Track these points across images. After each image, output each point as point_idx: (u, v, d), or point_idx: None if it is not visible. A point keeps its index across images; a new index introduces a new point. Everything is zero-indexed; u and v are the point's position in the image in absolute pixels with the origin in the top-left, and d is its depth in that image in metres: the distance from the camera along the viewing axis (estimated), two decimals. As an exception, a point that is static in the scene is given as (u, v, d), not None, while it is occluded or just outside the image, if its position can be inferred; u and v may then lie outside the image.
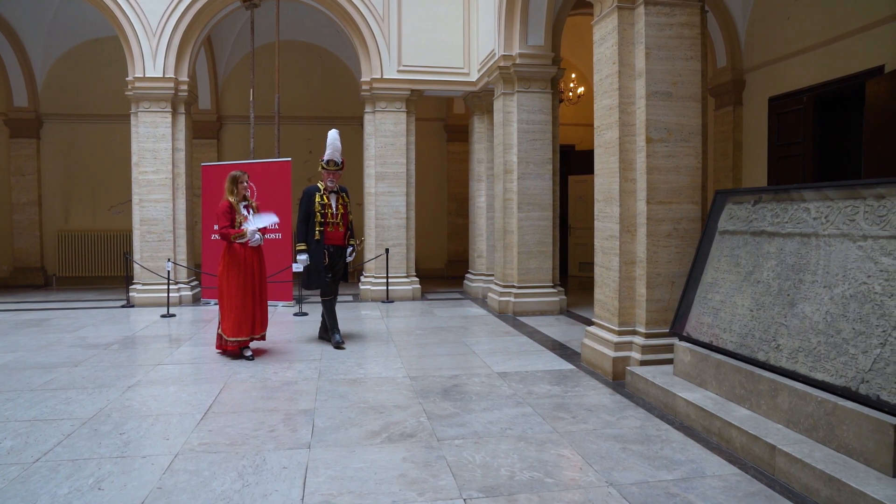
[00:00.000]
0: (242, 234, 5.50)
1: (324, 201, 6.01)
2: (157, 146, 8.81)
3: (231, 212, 5.54)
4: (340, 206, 6.13)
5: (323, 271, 5.98)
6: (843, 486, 2.68)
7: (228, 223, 5.51)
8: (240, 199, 5.64)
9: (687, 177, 4.76)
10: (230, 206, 5.57)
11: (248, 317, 5.57)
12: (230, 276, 5.52)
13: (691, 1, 4.75)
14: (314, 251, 5.97)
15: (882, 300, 3.00)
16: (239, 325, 5.50)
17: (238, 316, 5.50)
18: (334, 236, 6.08)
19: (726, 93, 8.90)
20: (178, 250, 9.02)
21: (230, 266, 5.54)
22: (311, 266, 5.99)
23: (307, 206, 6.00)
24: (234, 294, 5.50)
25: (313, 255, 5.97)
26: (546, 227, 8.08)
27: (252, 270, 5.60)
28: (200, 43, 9.39)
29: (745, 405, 3.65)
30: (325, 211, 6.00)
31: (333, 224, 6.03)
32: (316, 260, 5.97)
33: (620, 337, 4.89)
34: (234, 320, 5.49)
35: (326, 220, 5.99)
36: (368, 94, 9.45)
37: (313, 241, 5.97)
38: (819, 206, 3.54)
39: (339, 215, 6.08)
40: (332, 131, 6.19)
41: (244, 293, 5.53)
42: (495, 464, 3.24)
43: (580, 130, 12.85)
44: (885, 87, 6.26)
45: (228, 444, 3.51)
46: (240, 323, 5.51)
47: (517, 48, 7.84)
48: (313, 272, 6.02)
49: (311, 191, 6.07)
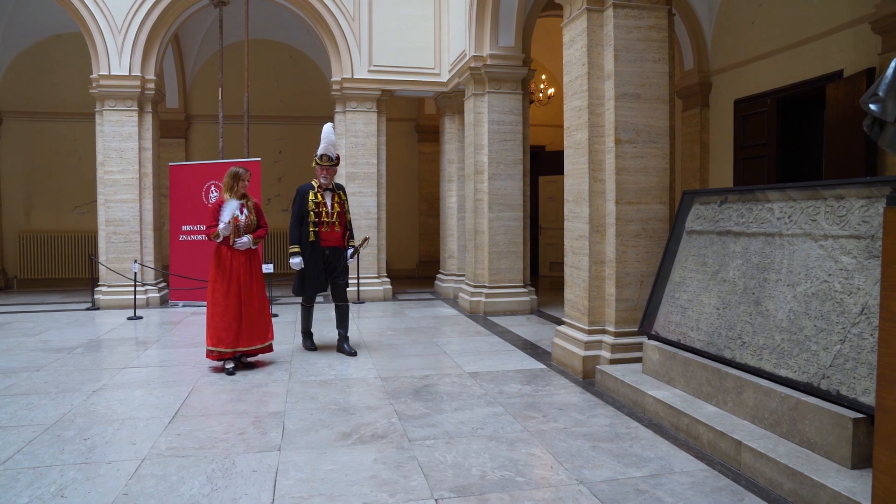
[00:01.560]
0: (216, 233, 5.11)
1: (318, 199, 5.64)
2: (123, 145, 8.64)
3: (220, 211, 5.16)
4: (336, 205, 5.73)
5: (320, 276, 5.63)
6: (805, 480, 2.74)
7: (214, 222, 5.15)
8: (238, 199, 5.24)
9: (655, 177, 4.83)
10: (219, 204, 5.21)
11: (233, 327, 5.11)
12: (215, 281, 5.17)
13: (659, 4, 4.82)
14: (308, 254, 5.59)
15: (842, 298, 3.07)
16: (219, 335, 5.08)
17: (218, 325, 5.09)
18: (330, 237, 5.69)
19: (693, 95, 9.05)
20: (145, 251, 8.86)
21: (215, 271, 5.19)
22: (306, 271, 5.62)
23: (300, 206, 5.63)
24: (217, 301, 5.13)
25: (308, 259, 5.59)
26: (517, 227, 8.13)
27: (238, 277, 5.16)
28: (168, 41, 9.24)
29: (712, 402, 3.71)
30: (320, 210, 5.62)
31: (329, 224, 5.65)
32: (311, 264, 5.60)
33: (590, 336, 4.93)
34: (215, 329, 5.10)
35: (321, 220, 5.61)
36: (339, 94, 9.39)
37: (307, 244, 5.59)
38: (783, 206, 3.62)
39: (334, 214, 5.69)
40: (326, 125, 5.85)
41: (227, 300, 5.11)
42: (467, 463, 3.24)
43: (550, 131, 12.95)
44: (843, 91, 6.42)
45: (197, 448, 3.46)
46: (220, 332, 5.08)
47: (488, 49, 7.87)
48: (307, 277, 5.64)
49: (305, 189, 5.71)
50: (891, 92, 2.07)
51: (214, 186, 8.95)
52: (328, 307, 8.23)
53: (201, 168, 9.21)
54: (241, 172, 5.27)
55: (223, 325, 5.10)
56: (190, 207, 9.02)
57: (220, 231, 5.09)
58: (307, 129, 12.70)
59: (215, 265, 5.19)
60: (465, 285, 8.70)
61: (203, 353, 5.80)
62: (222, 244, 5.18)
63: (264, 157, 10.48)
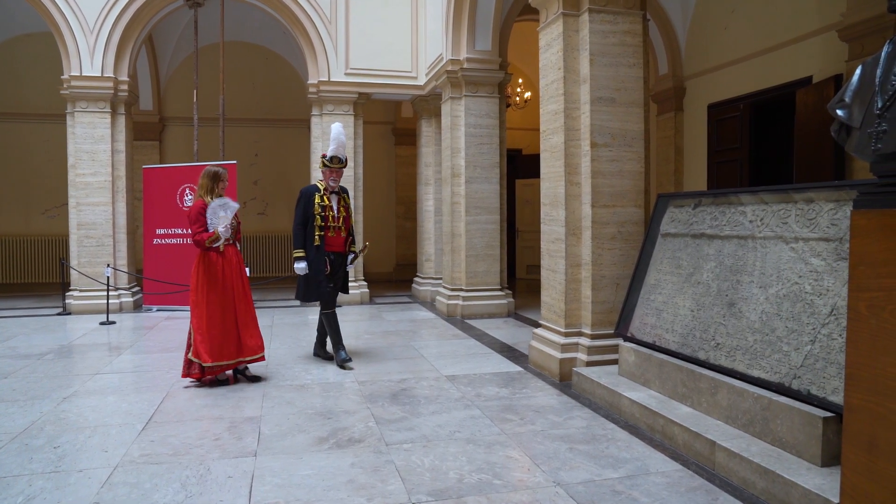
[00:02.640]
0: (216, 238, 4.76)
1: (324, 203, 5.41)
2: (95, 147, 8.51)
3: (205, 214, 4.81)
4: (342, 209, 5.55)
5: (324, 281, 5.39)
6: (777, 478, 2.78)
7: (202, 227, 4.75)
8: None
9: (630, 181, 4.88)
10: (204, 206, 4.81)
11: (232, 338, 4.83)
12: (206, 291, 4.76)
13: (633, 10, 4.88)
14: (314, 259, 5.37)
15: (812, 299, 3.13)
16: (218, 348, 4.75)
17: (217, 337, 4.74)
18: (335, 242, 5.49)
19: (668, 99, 9.16)
20: (118, 255, 8.72)
21: (205, 279, 4.77)
22: (310, 275, 5.38)
23: (305, 209, 5.39)
24: (213, 313, 4.74)
25: (312, 264, 5.37)
26: (494, 230, 8.16)
27: (232, 284, 4.86)
28: (141, 42, 9.12)
29: (686, 403, 3.76)
30: (326, 213, 5.40)
31: (335, 228, 5.44)
32: (316, 268, 5.37)
33: (567, 338, 4.96)
34: (213, 343, 4.72)
35: (327, 224, 5.39)
36: (316, 97, 9.35)
37: (312, 248, 5.37)
38: (755, 209, 3.68)
39: (340, 218, 5.49)
40: (336, 124, 5.58)
41: (223, 311, 4.79)
42: (444, 467, 3.24)
43: (527, 135, 13.02)
44: (812, 96, 6.55)
45: (171, 455, 3.42)
46: (219, 345, 4.75)
47: (465, 53, 7.89)
48: (312, 282, 5.38)
49: (310, 191, 5.47)
50: (856, 98, 2.12)
51: (189, 189, 8.84)
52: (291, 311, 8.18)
53: (176, 171, 9.09)
54: (220, 172, 4.95)
55: (224, 338, 4.78)
56: (164, 211, 8.90)
57: (220, 234, 4.75)
58: (283, 131, 12.64)
59: (203, 273, 4.79)
60: (443, 288, 8.70)
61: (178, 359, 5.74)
62: (211, 250, 4.84)
63: (240, 160, 10.38)
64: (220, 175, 4.92)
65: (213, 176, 4.90)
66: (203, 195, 4.87)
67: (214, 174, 4.91)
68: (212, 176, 4.89)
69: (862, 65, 2.15)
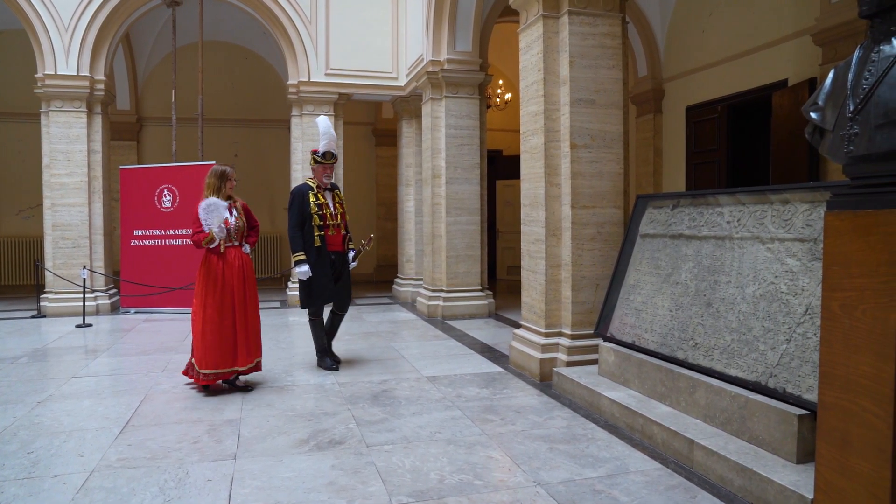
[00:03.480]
0: (210, 239, 4.54)
1: (320, 201, 5.18)
2: (70, 147, 8.38)
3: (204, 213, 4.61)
4: (338, 205, 5.34)
5: (330, 286, 5.17)
6: (754, 475, 2.82)
7: (201, 228, 4.57)
8: (224, 199, 4.70)
9: (610, 182, 4.91)
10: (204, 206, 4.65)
11: (229, 345, 4.61)
12: (206, 295, 4.58)
13: (613, 12, 4.91)
14: (316, 262, 5.11)
15: (787, 299, 3.18)
16: (213, 356, 4.55)
17: (213, 345, 4.55)
18: (335, 241, 5.26)
19: (647, 101, 9.24)
20: (94, 257, 8.60)
21: (205, 283, 4.60)
22: (314, 280, 5.11)
23: (301, 209, 5.13)
24: (210, 317, 4.55)
25: (315, 267, 5.11)
26: (474, 231, 8.17)
27: (232, 288, 4.63)
28: (118, 40, 9.01)
29: (665, 402, 3.79)
30: (324, 212, 5.18)
31: (334, 226, 5.22)
32: (319, 272, 5.11)
33: (547, 339, 4.99)
34: (211, 349, 4.54)
35: (326, 223, 5.17)
36: (296, 98, 9.30)
37: (313, 250, 5.11)
38: (732, 210, 3.72)
39: (338, 216, 5.28)
40: (322, 118, 5.36)
41: (221, 316, 4.58)
42: (425, 468, 3.24)
43: (508, 136, 13.06)
44: (788, 99, 6.65)
45: (149, 459, 3.38)
46: (214, 353, 4.55)
47: (445, 54, 7.90)
48: (315, 287, 5.13)
49: (303, 190, 5.21)
50: (829, 101, 2.15)
51: (167, 190, 8.76)
52: (271, 312, 8.12)
53: (154, 171, 9.00)
54: (228, 171, 4.76)
55: (219, 345, 4.57)
56: (142, 212, 8.80)
57: (214, 234, 4.54)
58: (263, 132, 12.55)
59: (204, 276, 4.61)
60: (423, 289, 8.70)
61: (157, 361, 5.68)
62: (212, 252, 4.63)
63: (219, 161, 10.24)
64: (228, 174, 4.76)
65: (221, 175, 4.72)
66: (210, 195, 4.66)
67: (222, 173, 4.73)
68: (220, 175, 4.72)
69: (834, 69, 2.19)
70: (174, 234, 8.75)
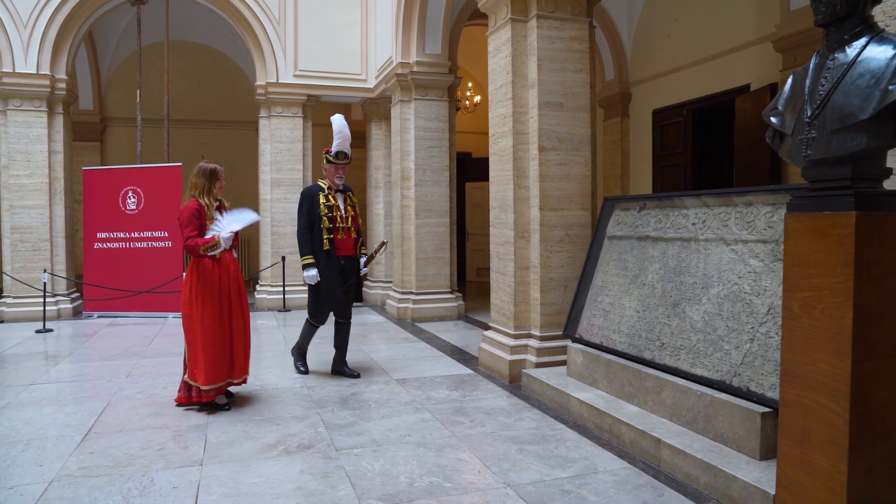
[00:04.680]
0: (215, 244, 4.18)
1: (330, 202, 4.97)
2: (30, 148, 8.17)
3: (200, 216, 4.23)
4: (350, 208, 5.12)
5: (338, 290, 4.95)
6: (719, 472, 2.87)
7: (196, 231, 4.19)
8: (213, 201, 4.35)
9: (578, 184, 4.96)
10: (199, 208, 4.25)
11: (226, 356, 4.27)
12: (201, 303, 4.18)
13: (580, 17, 4.97)
14: (324, 266, 4.89)
15: (751, 299, 3.24)
16: (216, 369, 4.20)
17: (214, 356, 4.19)
18: (345, 244, 5.01)
19: (614, 104, 9.36)
20: (55, 260, 8.39)
21: (200, 290, 4.19)
22: (321, 285, 4.91)
23: (310, 210, 4.93)
24: (209, 327, 4.18)
25: (324, 271, 4.90)
26: (444, 233, 8.18)
27: (229, 295, 4.30)
28: (80, 38, 8.81)
29: (633, 402, 3.84)
30: (334, 214, 4.96)
31: (344, 230, 4.99)
32: (328, 276, 4.89)
33: (516, 340, 5.01)
34: (209, 363, 4.17)
35: (336, 226, 4.95)
36: (264, 99, 9.21)
37: (322, 254, 4.89)
38: (697, 212, 3.79)
39: (349, 219, 5.06)
40: (337, 116, 5.14)
41: (220, 325, 4.24)
42: (394, 471, 3.23)
43: (477, 138, 13.09)
44: (750, 104, 6.80)
45: (112, 467, 3.30)
46: (216, 366, 4.20)
47: (414, 56, 7.90)
48: (323, 294, 4.92)
49: (313, 191, 5.00)
50: (788, 106, 2.21)
51: (132, 192, 8.59)
52: (255, 315, 8.01)
53: (118, 173, 8.82)
54: (218, 170, 4.37)
55: (219, 356, 4.22)
56: (106, 214, 8.62)
57: (221, 242, 4.18)
58: (231, 133, 12.40)
59: (198, 283, 4.21)
60: (393, 292, 8.68)
61: (121, 367, 5.56)
62: (205, 256, 4.24)
63: (186, 163, 10.08)
64: (218, 172, 4.37)
65: (210, 174, 4.33)
66: (197, 195, 4.29)
67: (211, 171, 4.34)
68: (208, 174, 4.33)
69: (793, 75, 2.25)
70: (139, 236, 8.59)
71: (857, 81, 1.95)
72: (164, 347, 6.41)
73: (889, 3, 2.35)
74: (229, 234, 4.22)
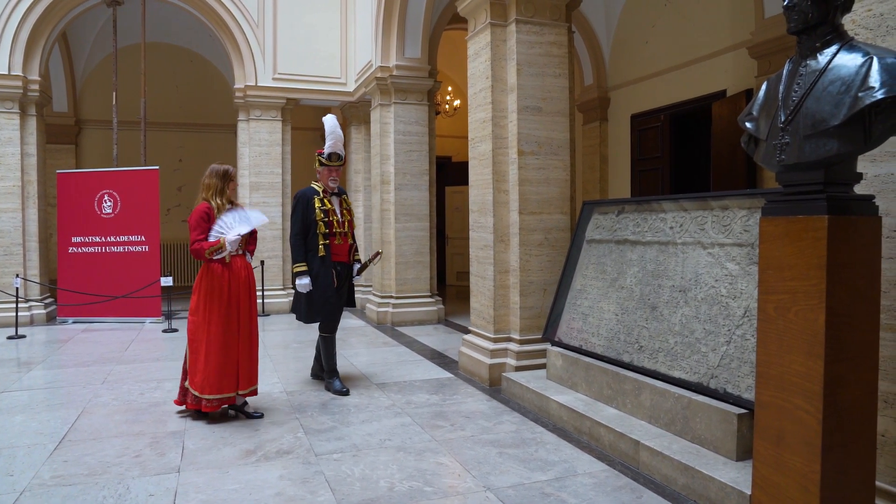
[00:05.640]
0: (220, 248, 4.03)
1: (326, 206, 4.76)
2: (2, 150, 8.01)
3: (210, 219, 4.07)
4: (346, 212, 4.95)
5: (332, 297, 4.74)
6: (696, 473, 2.90)
7: (203, 234, 4.04)
8: (226, 203, 4.17)
9: (557, 188, 4.99)
10: (208, 210, 4.08)
11: (233, 365, 4.10)
12: (209, 310, 4.04)
13: (559, 22, 5.00)
14: (319, 273, 4.68)
15: (727, 302, 3.29)
16: (221, 378, 4.04)
17: (220, 364, 4.03)
18: (341, 250, 4.84)
19: (593, 109, 9.43)
20: (28, 265, 8.24)
21: (209, 295, 4.05)
22: (316, 292, 4.67)
23: (305, 214, 4.71)
24: (216, 335, 4.03)
25: (318, 278, 4.68)
26: (423, 237, 8.18)
27: (238, 302, 4.12)
28: (55, 39, 8.69)
29: (612, 405, 3.86)
30: (330, 219, 4.75)
31: (341, 235, 4.82)
32: (323, 284, 4.68)
33: (496, 344, 5.02)
34: (214, 371, 4.02)
35: (332, 231, 4.75)
36: (242, 102, 9.15)
37: (316, 260, 4.68)
38: (675, 216, 3.83)
39: (345, 223, 4.89)
40: (329, 117, 4.88)
41: (227, 333, 4.07)
42: (374, 476, 3.22)
43: (456, 142, 13.13)
44: (727, 109, 6.89)
45: (87, 475, 3.25)
46: (222, 374, 4.04)
47: (394, 60, 7.90)
48: (317, 301, 4.68)
49: (308, 194, 4.79)
50: (763, 112, 2.24)
51: (108, 195, 8.47)
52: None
53: (93, 176, 8.69)
54: (230, 171, 4.20)
55: (225, 366, 4.06)
56: (81, 218, 8.49)
57: (227, 246, 4.02)
58: (209, 136, 12.30)
59: (207, 289, 4.06)
60: (372, 296, 8.65)
61: (96, 373, 5.47)
62: (215, 261, 4.09)
63: (163, 166, 10.01)
64: (231, 174, 4.20)
65: (223, 175, 4.16)
66: (210, 197, 4.13)
67: (224, 172, 4.17)
68: (221, 175, 4.15)
69: (767, 81, 2.28)
70: (116, 240, 8.47)
71: (829, 88, 1.99)
72: (142, 353, 6.32)
73: (858, 12, 2.40)
74: (235, 237, 4.04)
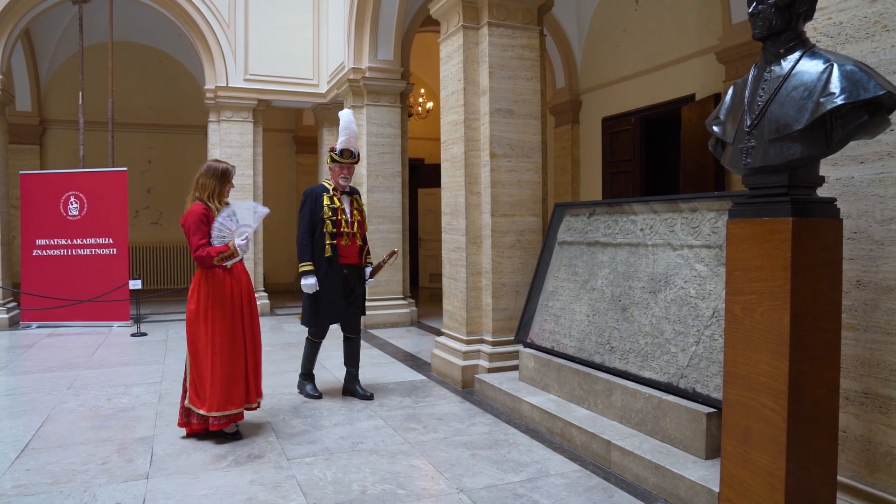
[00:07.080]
0: (231, 254, 3.69)
1: (335, 205, 4.55)
2: (-37, 152, 7.83)
3: (208, 221, 3.71)
4: (356, 212, 4.70)
5: (339, 303, 4.54)
6: (667, 472, 2.94)
7: (205, 239, 3.67)
8: (223, 205, 3.83)
9: (529, 190, 5.02)
10: (205, 212, 3.72)
11: (241, 379, 3.77)
12: (212, 319, 3.69)
13: (531, 25, 5.04)
14: (325, 274, 4.49)
15: (696, 303, 3.34)
16: (229, 393, 3.69)
17: (227, 379, 3.69)
18: (350, 252, 4.62)
19: (565, 112, 9.51)
20: (-10, 268, 8.05)
21: (211, 303, 3.70)
22: (321, 294, 4.49)
23: (312, 212, 4.52)
24: (221, 347, 3.69)
25: (324, 280, 4.49)
26: (396, 239, 8.16)
27: (241, 309, 3.81)
28: (17, 36, 8.47)
29: (584, 405, 3.90)
30: (339, 218, 4.54)
31: (349, 235, 4.59)
32: (329, 285, 4.50)
33: (469, 346, 5.03)
34: (222, 386, 3.66)
35: (340, 231, 4.53)
36: (213, 103, 9.04)
37: (323, 260, 4.48)
38: (646, 217, 3.88)
39: (355, 224, 4.65)
40: (346, 111, 4.72)
41: (234, 344, 3.74)
42: (347, 479, 3.20)
43: (429, 144, 13.13)
44: (696, 113, 7.00)
45: (51, 483, 3.18)
46: (230, 389, 3.70)
47: (367, 62, 7.87)
48: (323, 304, 4.50)
49: (317, 191, 4.60)
50: (729, 116, 2.29)
51: (74, 197, 8.30)
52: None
53: (58, 177, 8.50)
54: (229, 170, 3.87)
55: (231, 379, 3.72)
56: (45, 220, 8.29)
57: (238, 251, 3.70)
58: (179, 137, 12.13)
59: (207, 296, 3.71)
60: (347, 298, 8.60)
61: (61, 379, 5.35)
62: (215, 266, 3.74)
63: (131, 167, 9.84)
64: (229, 173, 3.87)
65: (222, 175, 3.82)
66: (205, 198, 3.78)
67: (223, 172, 3.82)
68: (219, 175, 3.81)
69: (734, 86, 2.33)
70: (82, 243, 8.30)
71: (792, 93, 2.03)
72: (110, 358, 6.21)
73: (819, 20, 2.46)
74: (244, 240, 3.71)
